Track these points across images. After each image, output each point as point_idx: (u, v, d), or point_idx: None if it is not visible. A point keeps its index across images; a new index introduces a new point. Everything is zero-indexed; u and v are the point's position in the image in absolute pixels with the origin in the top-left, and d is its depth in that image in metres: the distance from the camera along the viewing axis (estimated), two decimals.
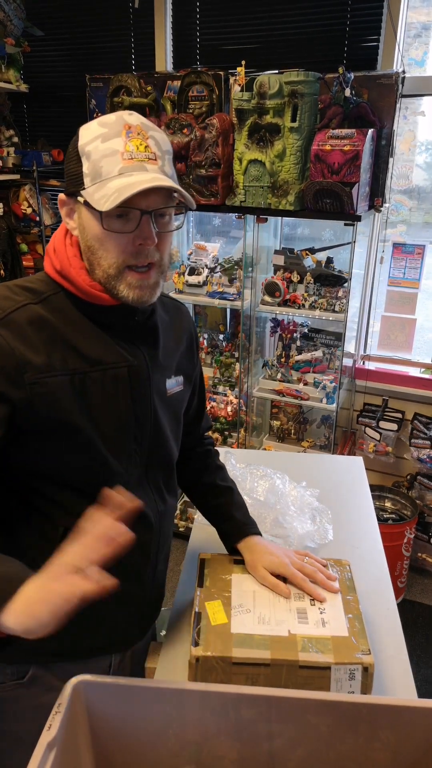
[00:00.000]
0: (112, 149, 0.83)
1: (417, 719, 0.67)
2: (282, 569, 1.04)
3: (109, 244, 0.86)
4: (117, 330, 0.94)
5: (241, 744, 0.68)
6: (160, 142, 0.87)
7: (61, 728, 0.64)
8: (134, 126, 0.85)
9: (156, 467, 1.04)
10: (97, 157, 0.84)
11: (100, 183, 0.83)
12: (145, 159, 0.84)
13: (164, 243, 0.91)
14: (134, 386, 0.95)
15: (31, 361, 0.84)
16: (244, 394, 2.84)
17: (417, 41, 2.52)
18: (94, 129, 0.85)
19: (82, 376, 0.89)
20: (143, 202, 0.84)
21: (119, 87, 2.54)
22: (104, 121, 0.86)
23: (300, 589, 1.02)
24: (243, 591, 1.02)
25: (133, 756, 0.72)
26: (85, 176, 0.85)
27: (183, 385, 1.09)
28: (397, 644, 1.12)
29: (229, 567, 1.09)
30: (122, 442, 0.95)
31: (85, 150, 0.85)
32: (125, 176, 0.82)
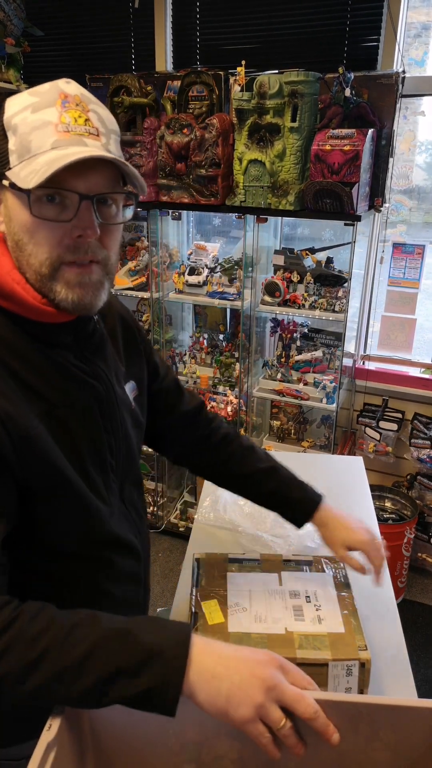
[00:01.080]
0: (43, 120, 0.69)
1: (417, 719, 0.67)
2: (363, 546, 1.01)
3: (40, 236, 0.70)
4: (69, 349, 0.81)
5: (241, 744, 0.68)
6: (104, 119, 0.74)
7: (61, 728, 0.64)
8: (72, 96, 0.71)
9: (129, 486, 0.95)
10: (26, 130, 0.69)
11: (29, 159, 0.68)
12: (84, 133, 0.70)
13: (110, 238, 0.76)
14: (105, 414, 0.84)
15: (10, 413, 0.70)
16: (244, 394, 2.84)
17: (417, 41, 2.52)
18: (23, 99, 0.71)
19: (48, 418, 0.75)
20: (82, 184, 0.70)
21: (119, 87, 2.54)
22: (36, 90, 0.71)
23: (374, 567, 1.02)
24: (239, 589, 1.02)
25: (133, 756, 0.72)
26: (11, 153, 0.70)
27: (137, 389, 0.97)
28: (397, 644, 1.12)
29: (223, 566, 1.09)
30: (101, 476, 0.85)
31: (11, 123, 0.69)
32: (58, 149, 0.68)
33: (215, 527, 1.44)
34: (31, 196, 0.69)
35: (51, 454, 0.75)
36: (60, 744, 0.63)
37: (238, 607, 0.98)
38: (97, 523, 0.85)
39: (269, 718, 0.64)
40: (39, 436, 0.73)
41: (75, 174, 0.68)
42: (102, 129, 0.72)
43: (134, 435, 0.95)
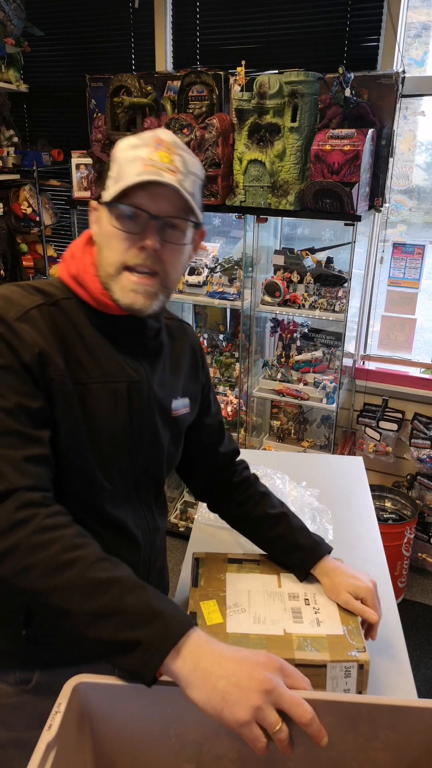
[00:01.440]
0: (136, 156, 0.85)
1: (417, 719, 0.67)
2: (367, 595, 0.98)
3: (113, 242, 0.87)
4: (122, 343, 0.94)
5: (241, 743, 0.68)
6: (188, 162, 0.88)
7: (61, 728, 0.63)
8: (165, 141, 0.87)
9: (147, 484, 1.01)
10: (123, 163, 0.86)
11: (118, 184, 0.85)
12: (164, 168, 0.84)
13: (170, 256, 0.89)
14: (133, 403, 0.93)
15: (52, 357, 0.84)
16: (244, 394, 2.84)
17: (417, 41, 2.52)
18: (129, 140, 0.88)
19: (83, 388, 0.88)
20: (153, 206, 0.85)
21: (119, 87, 2.54)
22: (141, 135, 0.89)
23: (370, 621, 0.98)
24: (238, 590, 1.02)
25: (133, 756, 0.72)
26: (109, 179, 0.88)
27: (189, 407, 1.07)
28: (397, 644, 1.12)
29: (223, 566, 1.09)
30: (115, 459, 0.93)
31: (116, 156, 0.88)
32: (139, 177, 0.83)
33: (215, 527, 1.44)
34: (112, 211, 0.86)
35: (73, 409, 0.86)
36: (60, 744, 0.63)
37: (237, 608, 0.98)
38: (97, 496, 0.91)
39: (266, 721, 0.64)
40: (67, 388, 0.85)
41: (150, 198, 0.85)
42: (182, 169, 0.87)
43: (167, 443, 1.02)
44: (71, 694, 0.67)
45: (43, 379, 0.83)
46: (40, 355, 0.82)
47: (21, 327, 0.83)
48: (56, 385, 0.84)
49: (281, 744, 0.65)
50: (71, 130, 3.29)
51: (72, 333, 0.88)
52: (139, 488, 0.99)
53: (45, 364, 0.83)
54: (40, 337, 0.84)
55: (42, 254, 3.33)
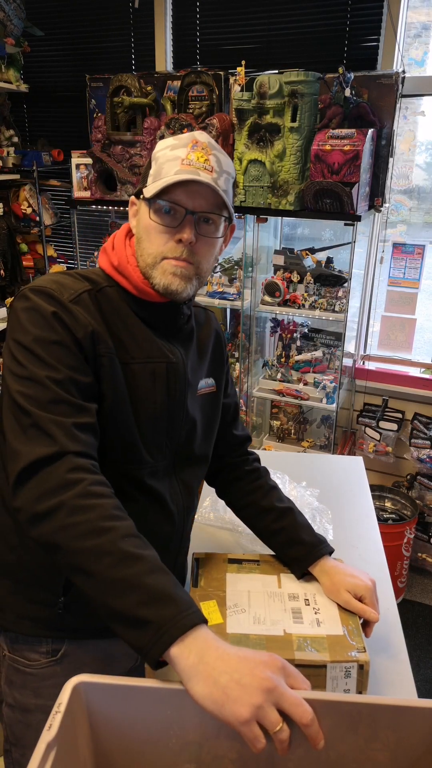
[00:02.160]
0: (175, 156, 0.93)
1: (417, 719, 0.67)
2: (366, 594, 0.98)
3: (152, 236, 0.94)
4: (159, 328, 1.00)
5: (241, 744, 0.68)
6: (222, 162, 0.95)
7: (61, 728, 0.63)
8: (201, 142, 0.94)
9: (184, 462, 1.07)
10: (162, 162, 0.93)
11: (158, 181, 0.92)
12: (201, 168, 0.92)
13: (203, 248, 0.96)
14: (170, 382, 1.00)
15: (102, 336, 0.91)
16: (244, 394, 2.84)
17: (417, 41, 2.52)
18: (168, 140, 0.96)
19: (126, 367, 0.94)
20: (189, 202, 0.92)
21: (119, 87, 2.54)
22: (179, 136, 0.96)
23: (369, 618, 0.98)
24: (238, 590, 1.02)
25: (133, 756, 0.72)
26: (150, 176, 0.95)
27: (215, 386, 1.14)
28: (397, 644, 1.12)
29: (223, 566, 1.09)
30: (154, 434, 0.99)
31: (156, 155, 0.95)
32: (177, 176, 0.91)
33: (215, 527, 1.44)
34: (152, 206, 0.93)
35: (119, 384, 0.93)
36: (60, 744, 0.62)
37: (237, 608, 0.97)
38: (138, 468, 0.97)
39: (267, 720, 0.64)
40: (114, 365, 0.92)
41: (187, 195, 0.92)
42: (217, 168, 0.94)
43: (200, 421, 1.08)
44: (71, 694, 0.67)
45: (93, 356, 0.90)
46: (92, 334, 0.89)
47: (75, 308, 0.89)
48: (105, 362, 0.91)
49: (281, 744, 0.65)
50: (71, 130, 3.29)
51: (116, 317, 0.95)
52: (176, 466, 1.05)
53: (96, 342, 0.90)
54: (91, 318, 0.90)
55: (42, 254, 3.33)
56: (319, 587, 1.03)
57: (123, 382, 0.94)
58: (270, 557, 1.12)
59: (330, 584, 1.01)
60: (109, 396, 0.92)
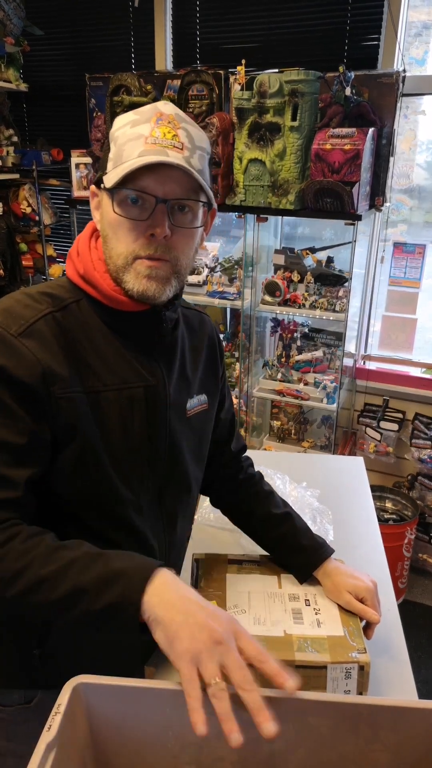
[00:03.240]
0: (137, 134, 0.78)
1: (417, 720, 0.67)
2: (367, 595, 0.96)
3: (120, 232, 0.81)
4: (137, 342, 0.89)
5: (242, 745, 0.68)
6: (193, 136, 0.81)
7: (61, 728, 0.63)
8: (166, 114, 0.80)
9: (172, 493, 0.98)
10: (123, 141, 0.79)
11: (120, 166, 0.79)
12: (169, 145, 0.78)
13: (181, 240, 0.83)
14: (150, 407, 0.89)
15: (57, 374, 0.79)
16: (244, 394, 2.84)
17: (417, 40, 2.52)
18: (127, 116, 0.82)
19: (97, 396, 0.83)
20: (160, 189, 0.78)
21: (119, 86, 2.54)
22: (139, 110, 0.82)
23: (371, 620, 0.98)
24: (238, 591, 1.01)
25: (133, 757, 0.72)
26: (109, 161, 0.81)
27: (207, 404, 1.02)
28: (398, 645, 1.11)
29: (223, 567, 1.08)
30: (133, 466, 0.89)
31: (114, 135, 0.82)
32: (142, 157, 0.77)
33: (215, 527, 1.44)
34: (115, 196, 0.80)
35: (85, 423, 0.82)
36: (60, 744, 0.62)
37: (237, 609, 0.97)
38: (120, 507, 0.88)
39: (204, 668, 0.64)
40: (79, 403, 0.81)
41: (156, 180, 0.78)
42: (188, 144, 0.80)
43: (186, 445, 0.98)
44: (71, 694, 0.67)
45: (48, 399, 0.79)
46: (43, 375, 0.78)
47: (23, 345, 0.78)
48: (63, 404, 0.80)
49: (219, 706, 0.63)
50: (71, 129, 3.29)
51: (83, 339, 0.84)
52: (163, 499, 0.96)
53: (50, 382, 0.79)
54: (45, 352, 0.79)
55: (41, 254, 3.33)
56: (320, 588, 1.03)
57: (91, 419, 0.82)
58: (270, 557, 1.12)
59: (331, 585, 0.99)
60: (74, 437, 0.81)
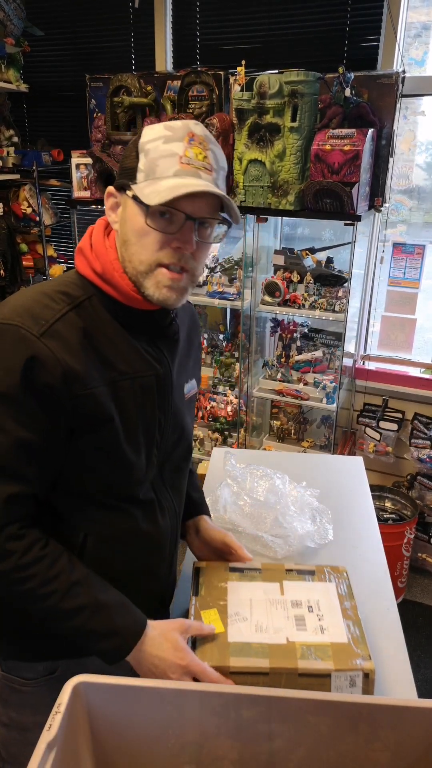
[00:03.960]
0: (171, 151, 0.84)
1: (417, 719, 0.67)
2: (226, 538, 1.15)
3: (146, 240, 0.86)
4: (145, 334, 0.95)
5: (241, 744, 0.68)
6: (218, 157, 0.89)
7: (61, 728, 0.63)
8: (197, 136, 0.86)
9: (176, 469, 1.06)
10: (155, 156, 0.85)
11: (153, 180, 0.84)
12: (201, 167, 0.85)
13: (201, 253, 0.91)
14: (160, 395, 0.96)
15: (77, 373, 0.84)
16: (244, 394, 2.84)
17: (417, 41, 2.52)
18: (158, 130, 0.86)
19: (114, 386, 0.89)
20: (189, 207, 0.85)
21: (119, 87, 2.54)
22: (170, 125, 0.87)
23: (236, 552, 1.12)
24: (239, 599, 1.00)
25: (133, 756, 0.72)
26: (139, 172, 0.86)
27: (196, 388, 1.12)
28: (397, 644, 1.12)
29: (224, 575, 1.07)
30: (146, 449, 0.96)
31: (144, 147, 0.86)
32: (179, 178, 0.84)
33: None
34: (149, 210, 0.85)
35: (106, 411, 0.88)
36: (60, 744, 0.62)
37: (238, 616, 0.96)
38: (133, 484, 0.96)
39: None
40: (100, 394, 0.87)
41: (186, 199, 0.84)
42: (215, 166, 0.88)
43: (187, 425, 1.07)
44: (71, 694, 0.67)
45: (68, 397, 0.84)
46: (64, 376, 0.83)
47: (45, 346, 0.82)
48: (83, 399, 0.85)
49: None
50: (71, 130, 3.29)
51: (98, 333, 0.89)
52: (163, 473, 1.03)
53: (71, 383, 0.84)
54: (65, 352, 0.83)
55: (42, 254, 3.33)
56: (323, 593, 1.02)
57: (111, 406, 0.89)
58: (272, 565, 1.11)
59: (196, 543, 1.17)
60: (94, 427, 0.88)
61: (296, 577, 1.07)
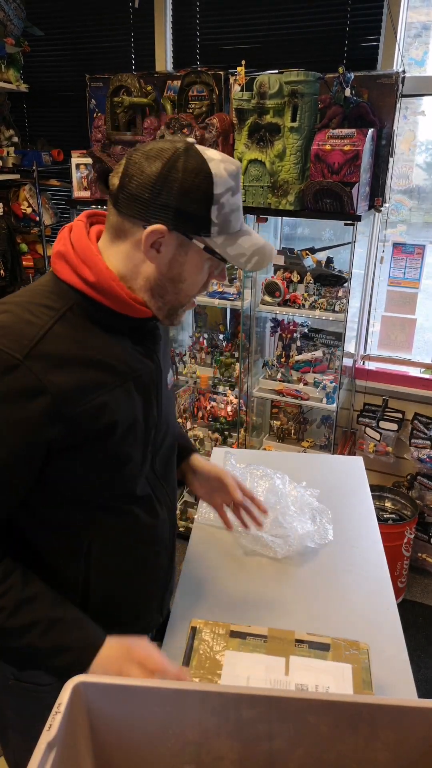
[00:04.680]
0: (237, 205, 0.88)
1: (417, 719, 0.67)
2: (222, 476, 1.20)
3: (197, 278, 0.92)
4: (134, 334, 0.95)
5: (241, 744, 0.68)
6: None
7: (61, 728, 0.63)
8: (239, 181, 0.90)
9: (162, 459, 1.07)
10: (227, 211, 0.87)
11: (228, 236, 0.88)
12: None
13: None
14: (151, 392, 0.98)
15: (67, 393, 0.82)
16: (244, 394, 2.84)
17: (417, 41, 2.52)
18: (225, 180, 0.85)
19: (111, 390, 0.88)
20: None
21: (119, 87, 2.54)
22: (231, 171, 0.86)
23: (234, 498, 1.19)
24: (235, 675, 0.89)
25: (133, 756, 0.72)
26: (213, 225, 0.86)
27: (174, 377, 1.18)
28: (397, 644, 1.12)
29: (223, 640, 0.95)
30: (142, 445, 0.98)
31: (219, 200, 0.85)
32: (245, 234, 0.90)
33: (215, 527, 1.44)
34: (216, 258, 0.89)
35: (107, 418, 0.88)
36: (60, 744, 0.62)
37: None
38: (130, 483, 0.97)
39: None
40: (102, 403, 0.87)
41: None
42: None
43: (170, 411, 1.10)
44: (71, 694, 0.67)
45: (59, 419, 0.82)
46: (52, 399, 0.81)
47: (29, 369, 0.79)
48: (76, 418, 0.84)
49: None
50: (71, 130, 3.29)
51: (86, 341, 0.86)
52: (155, 466, 1.04)
53: (61, 405, 0.82)
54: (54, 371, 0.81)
55: (42, 254, 3.33)
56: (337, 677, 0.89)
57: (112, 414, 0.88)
58: (281, 632, 0.98)
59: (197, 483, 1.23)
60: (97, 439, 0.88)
61: (306, 653, 0.94)
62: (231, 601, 1.22)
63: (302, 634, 0.98)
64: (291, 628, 1.02)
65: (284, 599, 1.23)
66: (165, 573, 1.11)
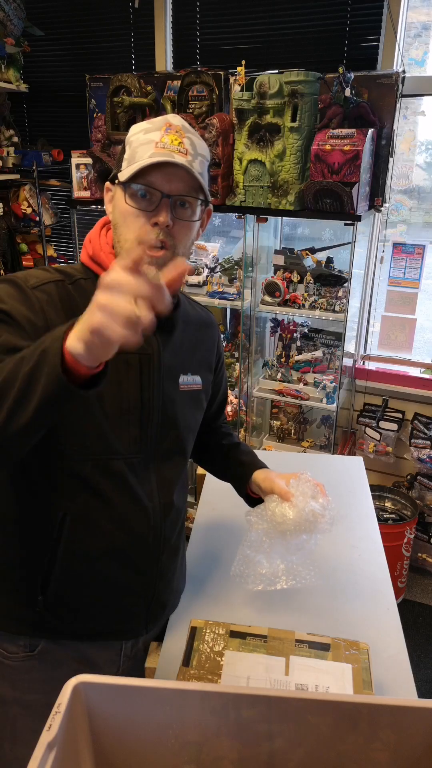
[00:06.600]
0: (149, 140, 0.92)
1: (417, 719, 0.67)
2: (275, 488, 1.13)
3: (129, 220, 0.93)
4: None
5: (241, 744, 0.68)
6: (195, 144, 0.95)
7: (61, 728, 0.63)
8: (174, 125, 0.94)
9: (166, 457, 1.07)
10: (136, 145, 0.93)
11: (132, 165, 0.92)
12: (175, 150, 0.91)
13: (180, 231, 0.94)
14: (144, 373, 1.00)
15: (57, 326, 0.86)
16: (244, 394, 2.84)
17: (417, 41, 2.52)
18: (141, 124, 0.96)
19: None
20: (166, 186, 0.91)
21: (119, 87, 2.54)
22: (152, 120, 0.96)
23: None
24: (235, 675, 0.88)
25: (133, 756, 0.72)
26: (124, 161, 0.95)
27: (201, 386, 1.13)
28: (397, 644, 1.12)
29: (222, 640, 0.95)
30: (125, 424, 0.99)
31: (129, 140, 0.96)
32: (152, 158, 0.90)
33: (215, 527, 1.44)
34: (127, 190, 0.92)
35: None
36: (60, 744, 0.62)
37: None
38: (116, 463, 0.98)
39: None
40: None
41: (162, 178, 0.91)
42: (191, 151, 0.93)
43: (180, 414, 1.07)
44: (71, 694, 0.67)
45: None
46: (47, 326, 0.86)
47: (34, 294, 0.89)
48: None
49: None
50: (71, 130, 3.29)
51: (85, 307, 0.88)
52: (157, 461, 1.05)
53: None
54: (50, 309, 0.90)
55: (42, 254, 3.33)
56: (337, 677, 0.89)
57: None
58: (281, 632, 0.98)
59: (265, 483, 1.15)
60: None
61: (306, 653, 0.94)
62: (231, 601, 1.22)
63: (302, 634, 0.98)
64: (291, 628, 1.01)
65: (284, 599, 1.23)
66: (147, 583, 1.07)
